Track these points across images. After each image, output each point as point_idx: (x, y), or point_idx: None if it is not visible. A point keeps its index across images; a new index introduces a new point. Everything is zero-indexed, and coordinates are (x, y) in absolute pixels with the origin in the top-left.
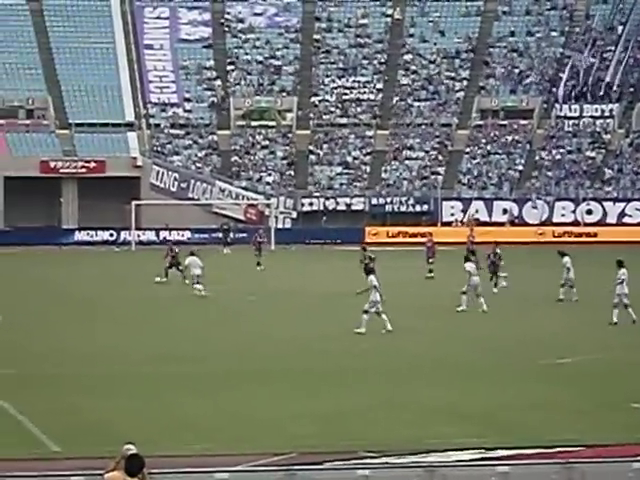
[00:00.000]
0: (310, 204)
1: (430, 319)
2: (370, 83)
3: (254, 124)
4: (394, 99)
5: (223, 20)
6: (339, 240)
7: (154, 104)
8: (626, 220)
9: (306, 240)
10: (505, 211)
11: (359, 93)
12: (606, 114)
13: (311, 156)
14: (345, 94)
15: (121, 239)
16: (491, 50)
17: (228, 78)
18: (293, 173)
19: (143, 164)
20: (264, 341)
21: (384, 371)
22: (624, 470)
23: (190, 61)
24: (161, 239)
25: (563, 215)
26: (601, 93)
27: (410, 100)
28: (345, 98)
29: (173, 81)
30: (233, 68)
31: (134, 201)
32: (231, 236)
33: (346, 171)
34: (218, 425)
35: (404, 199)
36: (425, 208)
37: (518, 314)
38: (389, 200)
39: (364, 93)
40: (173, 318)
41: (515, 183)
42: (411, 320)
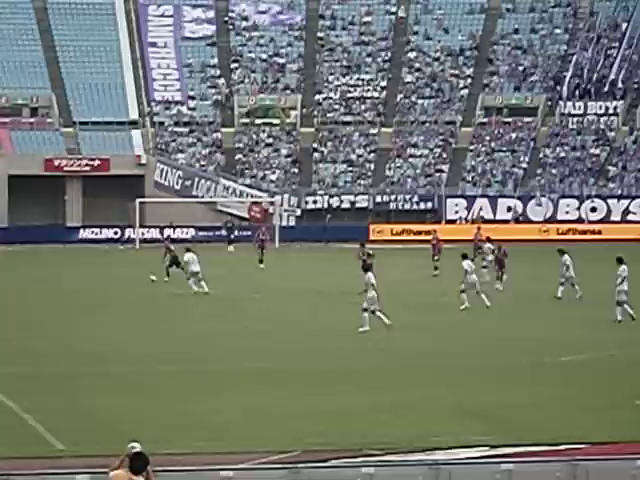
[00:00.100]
0: (314, 202)
1: (435, 317)
2: (374, 81)
3: (258, 122)
4: (398, 97)
5: (227, 18)
6: (343, 238)
7: (158, 102)
8: (630, 217)
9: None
10: (509, 209)
11: (363, 91)
12: (610, 111)
13: (315, 154)
14: (349, 92)
15: (125, 237)
16: (495, 48)
17: (232, 76)
18: (297, 171)
19: (147, 162)
20: (268, 339)
21: (388, 369)
22: (628, 467)
23: (194, 59)
24: (165, 237)
25: (567, 212)
26: (605, 90)
27: (414, 98)
28: (349, 96)
29: (177, 79)
30: (237, 66)
31: (138, 199)
32: (235, 234)
33: (350, 169)
34: (223, 423)
35: (408, 197)
36: (429, 206)
37: (522, 312)
38: (393, 198)
39: (368, 91)
40: (176, 316)
41: (519, 180)
42: (416, 318)
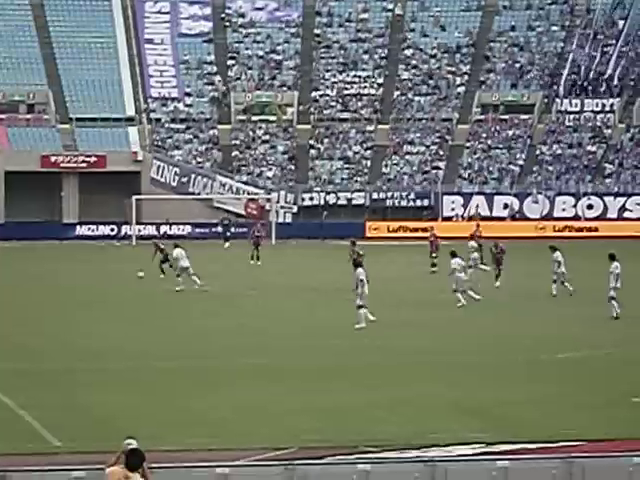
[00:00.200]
0: (311, 199)
1: (432, 314)
2: (371, 78)
3: (255, 119)
4: (395, 94)
5: (224, 15)
6: (340, 235)
7: (155, 99)
8: (627, 215)
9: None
10: (506, 206)
11: (360, 88)
12: (607, 109)
13: (312, 151)
14: (346, 89)
15: (122, 234)
16: (492, 45)
17: (229, 73)
18: (294, 168)
19: (144, 159)
20: (264, 336)
21: (385, 366)
22: (624, 465)
23: (191, 56)
24: (162, 233)
25: (564, 210)
26: (602, 88)
27: (411, 95)
28: (346, 93)
29: (174, 76)
30: (234, 63)
31: (135, 196)
32: (231, 231)
33: (347, 166)
34: (219, 420)
35: (405, 194)
36: (426, 203)
37: (519, 309)
38: (390, 195)
39: (365, 88)
40: (173, 313)
41: (516, 178)
42: (413, 315)
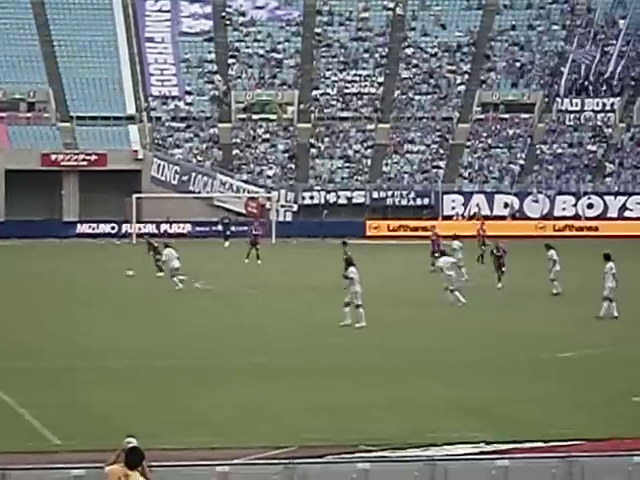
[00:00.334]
0: (311, 197)
1: (432, 313)
2: (371, 77)
3: (255, 117)
4: (395, 93)
5: (224, 13)
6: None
7: (155, 97)
8: (627, 214)
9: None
10: (506, 205)
11: (360, 86)
12: (607, 108)
13: (312, 149)
14: (346, 87)
15: (122, 232)
16: (492, 44)
17: (229, 71)
18: (294, 166)
19: (144, 157)
20: (264, 335)
21: (385, 365)
22: (624, 464)
23: (191, 54)
24: (162, 232)
25: (564, 209)
26: (602, 87)
27: (411, 94)
28: (346, 91)
29: (174, 74)
30: (234, 61)
31: (135, 194)
32: (232, 229)
33: (347, 164)
34: (219, 419)
35: (405, 193)
36: (426, 202)
37: (519, 308)
38: (390, 194)
39: (365, 86)
40: (173, 311)
41: (516, 177)
42: (413, 313)
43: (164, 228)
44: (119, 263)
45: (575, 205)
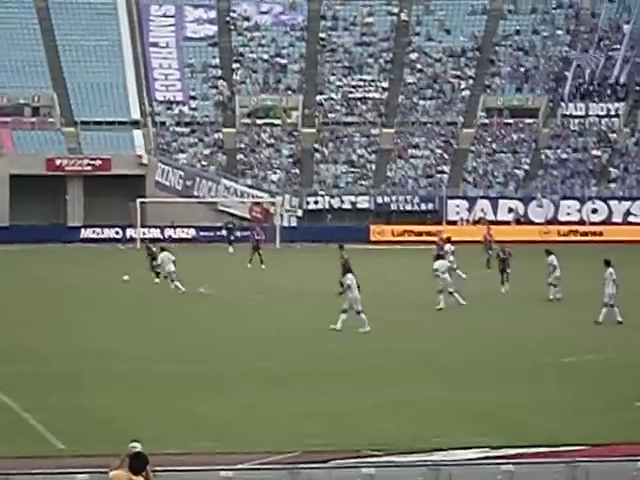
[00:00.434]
0: (315, 202)
1: (436, 316)
2: (376, 81)
3: (259, 122)
4: (400, 97)
5: (229, 18)
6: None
7: (160, 102)
8: (631, 219)
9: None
10: (511, 210)
11: (365, 91)
12: (612, 113)
13: (316, 154)
14: (351, 92)
15: (127, 237)
16: (497, 49)
17: (234, 76)
18: (298, 171)
19: (148, 162)
20: (268, 340)
21: (389, 369)
22: (628, 469)
23: (196, 59)
24: (166, 237)
25: (569, 214)
26: (607, 92)
27: (416, 98)
28: (351, 96)
29: (179, 79)
30: (239, 66)
31: (139, 199)
32: (236, 235)
33: (351, 169)
34: (223, 424)
35: (409, 197)
36: (430, 207)
37: (523, 312)
38: (394, 198)
39: (370, 91)
40: (177, 316)
41: (520, 182)
42: (417, 317)
43: (168, 233)
44: (123, 268)
45: (580, 210)
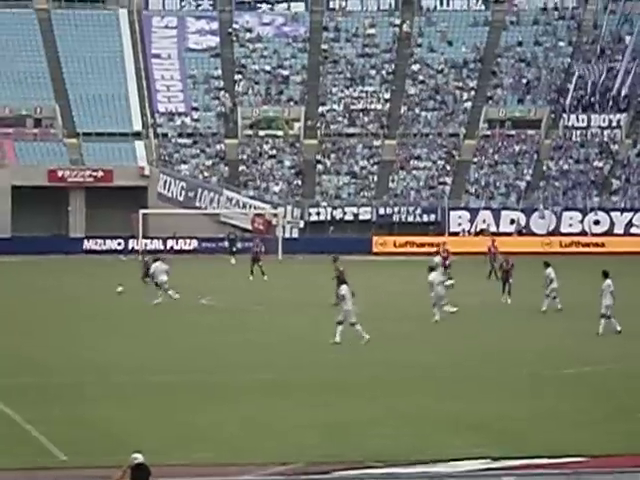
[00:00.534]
0: (317, 214)
1: (436, 328)
2: (378, 93)
3: (261, 133)
4: (402, 109)
5: (231, 30)
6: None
7: (162, 113)
8: (633, 230)
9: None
10: (512, 221)
11: (367, 103)
12: (614, 124)
13: (318, 166)
14: (353, 104)
15: (129, 248)
16: (499, 60)
17: (236, 87)
18: (300, 183)
19: (151, 173)
20: (270, 352)
21: (390, 380)
22: None
23: (198, 70)
24: (168, 248)
25: (571, 225)
26: (609, 103)
27: (418, 110)
28: (353, 108)
29: (181, 90)
30: (241, 77)
31: (141, 210)
32: (238, 246)
33: (353, 181)
34: (225, 435)
35: (411, 209)
36: (432, 218)
37: (524, 324)
38: (396, 210)
39: (372, 103)
40: (179, 327)
41: (522, 193)
42: (417, 328)
43: (170, 244)
44: (124, 279)
45: (582, 221)
